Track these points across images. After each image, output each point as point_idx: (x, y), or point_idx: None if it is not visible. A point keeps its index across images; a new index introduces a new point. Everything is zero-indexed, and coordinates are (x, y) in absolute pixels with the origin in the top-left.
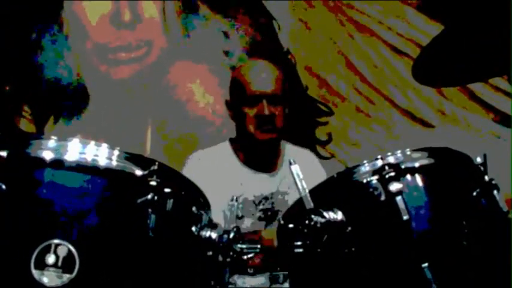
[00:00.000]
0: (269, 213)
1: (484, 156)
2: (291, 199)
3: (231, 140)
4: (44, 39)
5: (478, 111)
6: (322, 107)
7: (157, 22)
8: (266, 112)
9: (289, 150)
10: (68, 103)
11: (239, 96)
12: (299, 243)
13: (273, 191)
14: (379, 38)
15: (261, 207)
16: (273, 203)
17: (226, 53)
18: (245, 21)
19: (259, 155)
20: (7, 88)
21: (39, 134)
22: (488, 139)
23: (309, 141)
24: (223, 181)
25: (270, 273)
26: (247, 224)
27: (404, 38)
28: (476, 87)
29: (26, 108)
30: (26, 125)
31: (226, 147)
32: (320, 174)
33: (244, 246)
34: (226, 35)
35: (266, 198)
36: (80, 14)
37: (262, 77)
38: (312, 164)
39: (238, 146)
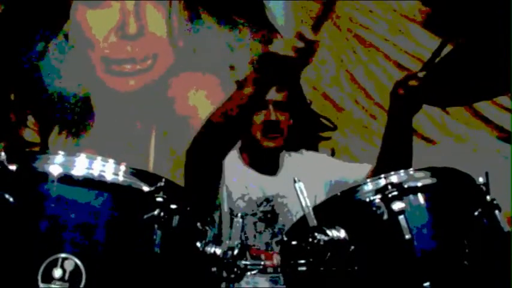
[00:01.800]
0: (269, 215)
1: (486, 175)
2: (290, 202)
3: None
4: (49, 50)
5: (482, 128)
6: (326, 122)
7: (162, 35)
8: (273, 117)
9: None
10: (72, 114)
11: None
12: (302, 261)
13: (274, 193)
14: (384, 54)
15: (261, 208)
16: (273, 206)
17: (231, 66)
18: (250, 34)
19: (263, 160)
20: (12, 97)
21: (45, 146)
22: (491, 156)
23: None
24: (227, 181)
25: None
26: (248, 223)
27: (409, 55)
28: (480, 104)
29: (30, 118)
30: (30, 135)
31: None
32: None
33: (248, 262)
34: (231, 47)
35: (267, 200)
36: (85, 26)
37: None
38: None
39: (242, 149)
